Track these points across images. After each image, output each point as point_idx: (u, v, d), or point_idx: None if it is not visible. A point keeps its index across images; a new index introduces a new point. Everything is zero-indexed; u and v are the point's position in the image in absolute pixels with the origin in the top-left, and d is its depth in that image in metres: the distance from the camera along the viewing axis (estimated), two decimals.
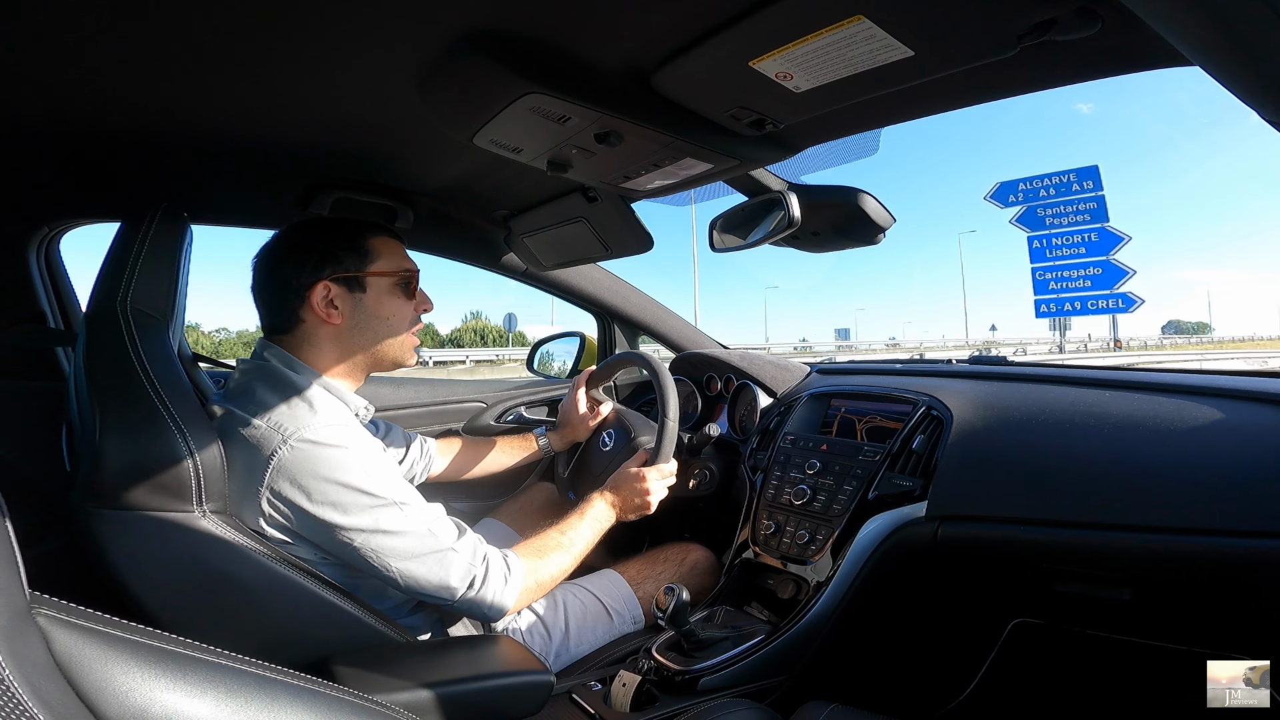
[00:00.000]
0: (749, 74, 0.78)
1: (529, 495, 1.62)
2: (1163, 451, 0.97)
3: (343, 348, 1.06)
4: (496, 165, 1.08)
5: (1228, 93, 0.50)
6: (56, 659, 0.36)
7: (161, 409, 0.89)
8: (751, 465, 1.49)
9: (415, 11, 0.72)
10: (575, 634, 1.20)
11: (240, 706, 0.40)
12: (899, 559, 1.14)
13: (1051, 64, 0.77)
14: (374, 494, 0.94)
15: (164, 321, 0.99)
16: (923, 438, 1.20)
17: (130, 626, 0.40)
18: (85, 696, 0.36)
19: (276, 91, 0.91)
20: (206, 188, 1.29)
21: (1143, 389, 1.09)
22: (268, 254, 1.07)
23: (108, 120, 0.98)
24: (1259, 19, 0.38)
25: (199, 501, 0.89)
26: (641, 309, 1.98)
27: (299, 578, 0.94)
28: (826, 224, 1.30)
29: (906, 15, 0.65)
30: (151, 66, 0.83)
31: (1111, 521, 0.96)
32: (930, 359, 1.85)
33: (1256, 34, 0.40)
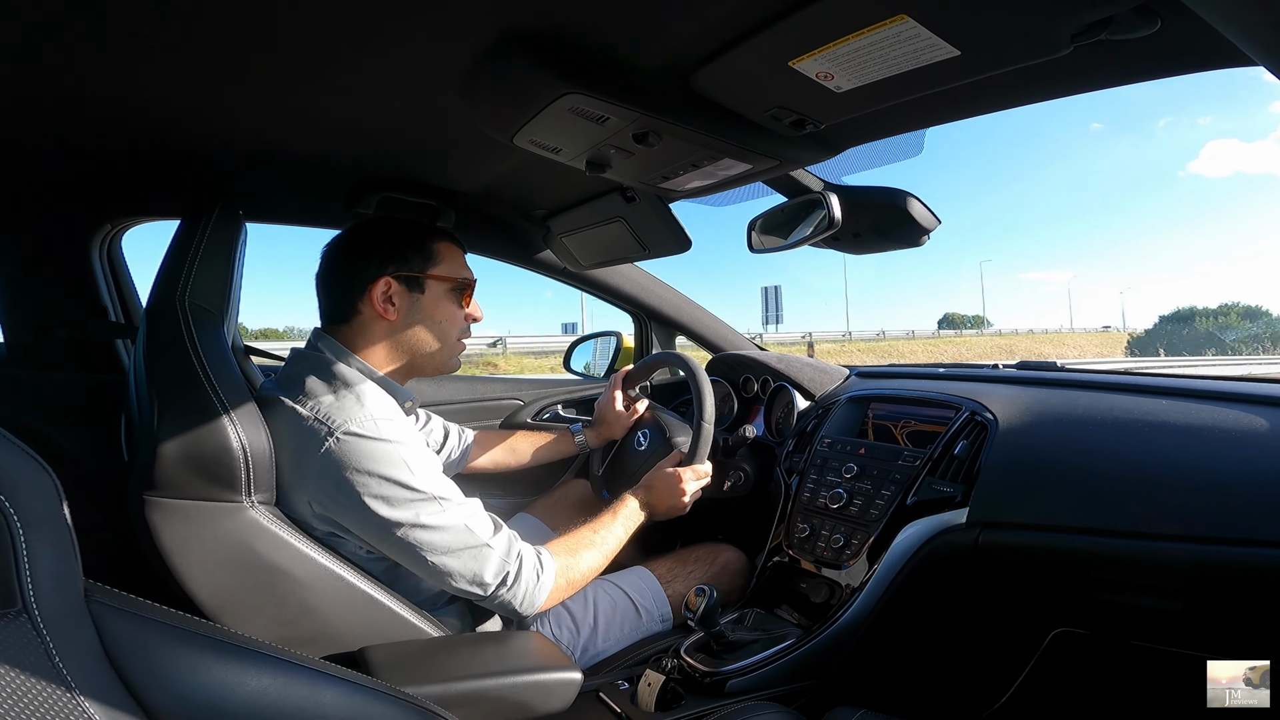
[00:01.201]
0: (789, 74, 0.77)
1: (563, 491, 1.63)
2: (1221, 460, 0.93)
3: (393, 344, 1.10)
4: (536, 165, 1.10)
5: None
6: (106, 646, 0.38)
7: (216, 401, 0.92)
8: (787, 468, 1.47)
9: (456, 14, 0.73)
10: (604, 629, 1.21)
11: (278, 697, 0.41)
12: (937, 565, 1.11)
13: (1106, 63, 0.75)
14: (416, 489, 0.96)
15: (220, 316, 1.03)
16: (965, 443, 1.17)
17: (177, 615, 0.42)
18: (131, 683, 0.37)
19: (324, 97, 0.94)
20: (260, 188, 1.34)
21: (1200, 397, 1.05)
22: (339, 244, 1.11)
23: (169, 125, 1.02)
24: None
25: (247, 492, 0.92)
26: (678, 309, 1.98)
27: (340, 569, 0.96)
28: (868, 225, 1.27)
29: (953, 14, 0.64)
30: (209, 76, 0.86)
31: (1166, 532, 0.92)
32: (974, 364, 1.81)
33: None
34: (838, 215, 1.19)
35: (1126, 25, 0.63)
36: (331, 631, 0.95)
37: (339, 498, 0.95)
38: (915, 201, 1.19)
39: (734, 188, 1.16)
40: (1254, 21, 0.42)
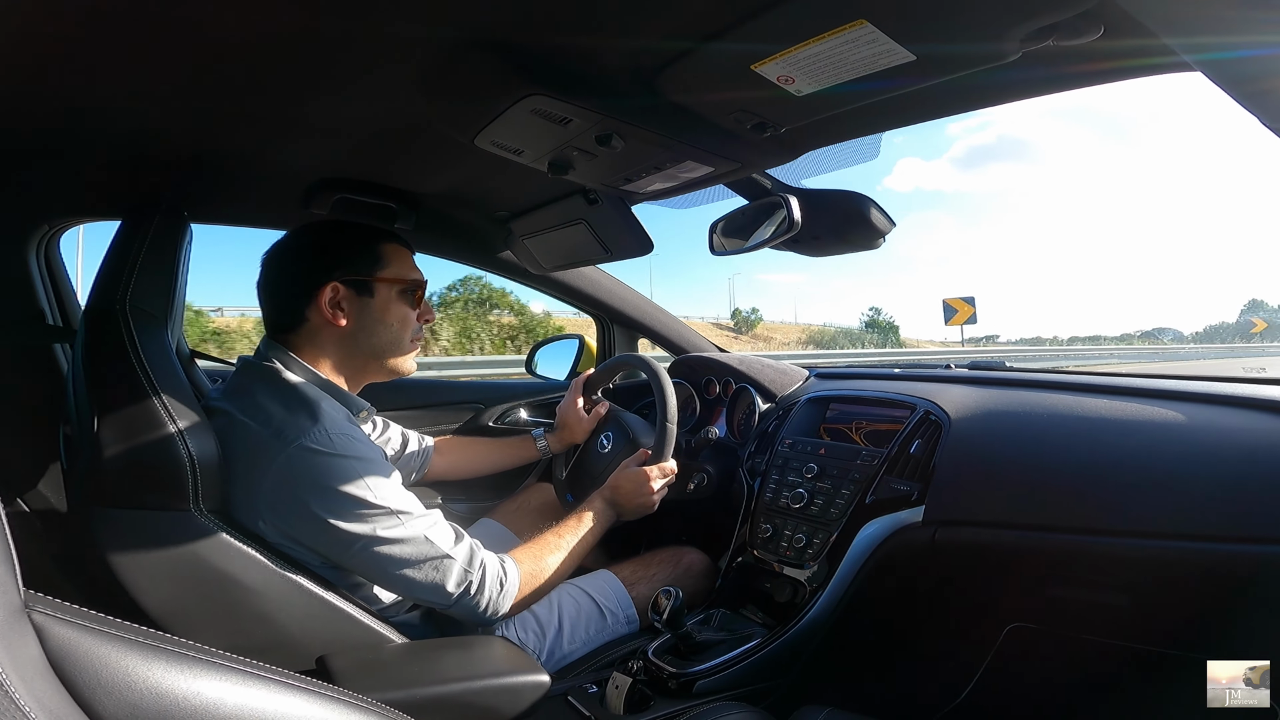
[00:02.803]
0: (751, 77, 0.78)
1: (526, 496, 1.62)
2: (1161, 457, 0.97)
3: (345, 350, 1.07)
4: (497, 167, 1.08)
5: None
6: (50, 657, 0.36)
7: (160, 408, 0.89)
8: (750, 468, 1.48)
9: (417, 14, 0.72)
10: (569, 632, 1.20)
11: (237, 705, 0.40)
12: (896, 563, 1.14)
13: (1054, 69, 0.78)
14: (374, 504, 0.94)
15: (163, 320, 0.99)
16: (920, 442, 1.20)
17: (125, 625, 0.40)
18: (79, 694, 0.36)
19: (278, 95, 0.91)
20: (207, 188, 1.29)
21: (1142, 395, 1.10)
22: (280, 251, 1.08)
23: (110, 121, 0.98)
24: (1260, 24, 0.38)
25: (195, 501, 0.89)
26: (640, 311, 1.98)
27: (295, 577, 0.93)
28: (827, 228, 1.29)
29: (909, 19, 0.66)
30: (153, 71, 0.83)
31: (1110, 527, 0.96)
32: (928, 364, 1.85)
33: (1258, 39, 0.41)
34: (798, 217, 1.21)
35: (1072, 31, 0.66)
36: (288, 640, 0.93)
37: (294, 513, 0.93)
38: (872, 205, 1.22)
39: (696, 190, 1.17)
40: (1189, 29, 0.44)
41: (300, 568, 0.95)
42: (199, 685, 0.39)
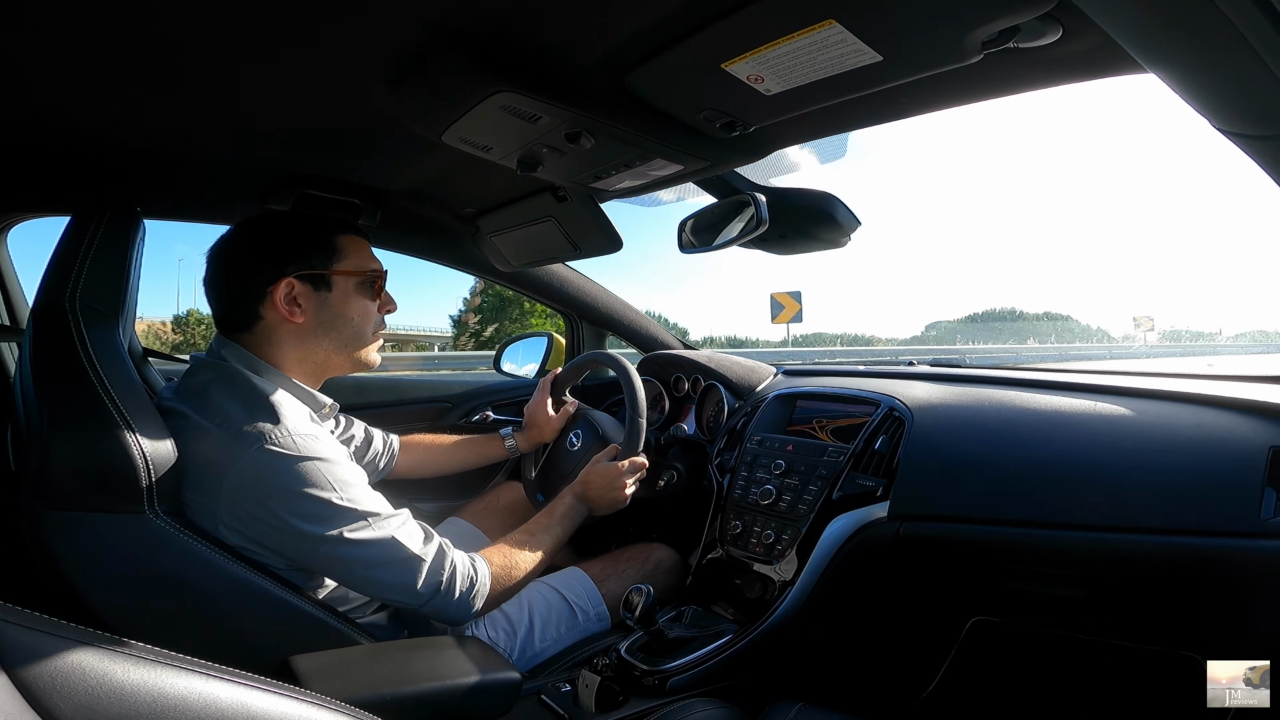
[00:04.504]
0: (721, 76, 0.78)
1: (495, 494, 1.60)
2: (1114, 453, 1.01)
3: (305, 347, 1.04)
4: (465, 163, 1.07)
5: None
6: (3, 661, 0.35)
7: (111, 408, 0.86)
8: (719, 465, 1.49)
9: (383, 9, 0.71)
10: (540, 630, 1.19)
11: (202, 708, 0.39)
12: (862, 558, 1.16)
13: (1015, 71, 0.80)
14: (340, 505, 0.92)
15: (114, 318, 0.95)
16: (885, 438, 1.22)
17: (81, 629, 0.39)
18: (34, 698, 0.34)
19: (237, 87, 0.89)
20: (161, 184, 1.25)
21: (1096, 392, 1.13)
22: (226, 247, 1.03)
23: (59, 116, 0.94)
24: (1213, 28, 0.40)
25: (149, 503, 0.86)
26: (610, 309, 1.98)
27: (256, 580, 0.91)
28: (794, 226, 1.31)
29: (876, 20, 0.67)
30: (104, 63, 0.80)
31: (1064, 520, 0.99)
32: (892, 362, 1.89)
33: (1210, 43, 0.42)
34: (765, 216, 1.22)
35: (1032, 33, 0.68)
36: (253, 644, 0.90)
37: (257, 518, 0.90)
38: (839, 204, 1.24)
39: (666, 188, 1.17)
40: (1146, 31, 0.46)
41: (262, 570, 0.92)
42: (161, 685, 0.38)
